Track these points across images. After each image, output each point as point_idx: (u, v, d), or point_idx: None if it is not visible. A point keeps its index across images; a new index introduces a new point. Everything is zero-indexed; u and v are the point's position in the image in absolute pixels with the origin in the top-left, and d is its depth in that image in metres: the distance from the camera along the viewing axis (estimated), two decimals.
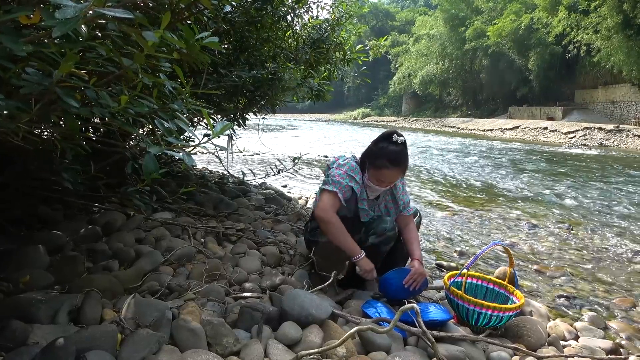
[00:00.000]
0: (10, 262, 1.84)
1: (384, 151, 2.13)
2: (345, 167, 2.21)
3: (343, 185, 2.16)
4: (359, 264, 2.16)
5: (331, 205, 2.14)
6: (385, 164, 2.12)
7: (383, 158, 2.12)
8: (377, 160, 2.15)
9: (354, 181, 2.18)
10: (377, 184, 2.21)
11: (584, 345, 2.14)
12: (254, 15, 2.92)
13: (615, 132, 20.01)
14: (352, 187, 2.18)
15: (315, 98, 4.14)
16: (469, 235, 4.35)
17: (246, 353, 1.51)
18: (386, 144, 2.15)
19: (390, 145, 2.14)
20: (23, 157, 2.12)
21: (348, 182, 2.16)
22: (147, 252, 2.22)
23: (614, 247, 4.10)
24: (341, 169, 2.20)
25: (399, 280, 2.19)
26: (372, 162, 2.18)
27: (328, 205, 2.14)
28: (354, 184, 2.18)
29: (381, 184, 2.21)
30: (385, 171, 2.15)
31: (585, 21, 23.64)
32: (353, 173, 2.19)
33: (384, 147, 2.14)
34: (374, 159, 2.17)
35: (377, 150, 2.17)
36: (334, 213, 2.14)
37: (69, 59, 0.87)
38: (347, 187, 2.17)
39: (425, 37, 40.71)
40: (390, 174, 2.16)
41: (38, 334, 1.35)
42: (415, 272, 2.19)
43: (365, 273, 2.18)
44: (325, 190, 2.17)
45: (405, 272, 2.20)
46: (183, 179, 3.77)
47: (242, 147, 4.30)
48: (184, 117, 1.27)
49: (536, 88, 30.49)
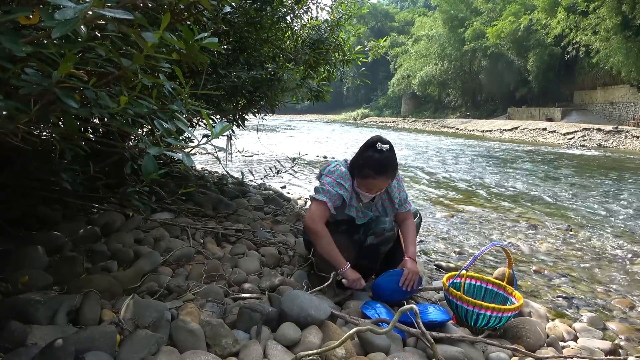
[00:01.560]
0: (9, 262, 1.84)
1: (368, 161, 2.11)
2: (335, 175, 2.19)
3: (333, 194, 2.15)
4: (345, 275, 2.15)
5: (319, 215, 2.14)
6: (370, 173, 2.10)
7: (368, 168, 2.10)
8: (362, 170, 2.13)
9: (344, 189, 2.17)
10: (366, 191, 2.20)
11: (582, 346, 2.14)
12: (254, 15, 2.92)
13: (614, 133, 20.04)
14: (342, 195, 2.17)
15: (314, 99, 4.14)
16: (468, 236, 4.35)
17: (245, 354, 1.51)
18: (371, 153, 2.12)
19: (375, 153, 2.10)
20: (22, 158, 2.12)
21: (337, 190, 2.16)
22: (146, 252, 2.21)
23: (613, 248, 4.11)
24: (331, 177, 2.19)
25: (391, 283, 2.18)
26: (359, 172, 2.16)
27: (316, 216, 2.14)
28: (343, 191, 2.17)
29: (370, 191, 2.20)
30: (371, 181, 2.13)
31: (584, 22, 23.69)
32: (342, 180, 2.18)
33: (369, 157, 2.11)
34: (360, 169, 2.15)
35: (362, 161, 2.14)
36: (322, 223, 2.14)
37: (69, 60, 0.87)
38: (336, 195, 2.16)
39: (424, 38, 40.77)
40: (376, 183, 2.14)
41: (37, 335, 1.35)
42: (409, 272, 2.18)
43: (352, 283, 2.17)
44: (315, 200, 2.17)
45: (397, 274, 2.19)
46: (182, 179, 3.77)
47: (241, 147, 4.30)
48: (183, 118, 1.27)
49: (535, 89, 30.54)
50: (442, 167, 10.11)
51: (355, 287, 2.19)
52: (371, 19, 57.96)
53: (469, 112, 38.49)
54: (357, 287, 2.19)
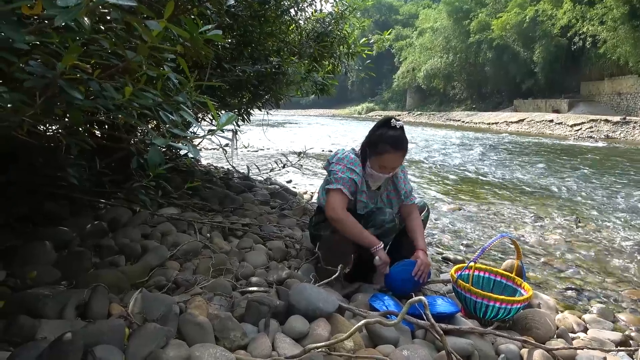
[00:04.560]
0: (17, 257, 1.85)
1: (384, 136, 2.14)
2: (344, 161, 2.21)
3: (346, 180, 2.16)
4: (379, 254, 2.15)
5: (339, 203, 2.15)
6: (387, 148, 2.13)
7: (384, 143, 2.13)
8: (378, 146, 2.15)
9: (355, 173, 2.19)
10: (379, 170, 2.20)
11: (592, 338, 2.12)
12: (258, 9, 2.90)
13: (622, 124, 19.83)
14: (354, 180, 2.17)
15: (319, 92, 4.12)
16: (476, 228, 4.33)
17: (254, 347, 1.51)
18: (385, 130, 2.16)
19: (389, 130, 2.15)
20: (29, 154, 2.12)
21: (349, 175, 2.17)
22: (154, 247, 2.21)
23: (622, 239, 4.07)
24: (340, 164, 2.20)
25: (404, 273, 2.18)
26: (374, 149, 2.18)
27: (337, 204, 2.15)
28: (354, 176, 2.18)
29: (384, 170, 2.20)
30: (387, 156, 2.15)
31: (590, 12, 23.42)
32: (353, 166, 2.19)
33: (384, 133, 2.15)
34: (375, 145, 2.17)
35: (377, 137, 2.17)
36: (345, 210, 2.15)
37: (72, 51, 0.86)
38: (350, 180, 2.17)
39: (429, 30, 40.53)
40: (392, 158, 2.16)
41: (46, 329, 1.35)
42: (422, 263, 2.18)
43: (383, 265, 2.17)
44: (331, 190, 2.17)
45: (410, 265, 2.20)
46: (188, 174, 3.77)
47: (246, 142, 4.30)
48: (188, 110, 1.26)
49: (541, 80, 30.27)
50: (448, 160, 10.06)
51: (382, 270, 2.19)
52: (375, 12, 57.55)
53: (474, 104, 38.23)
54: (383, 271, 2.19)
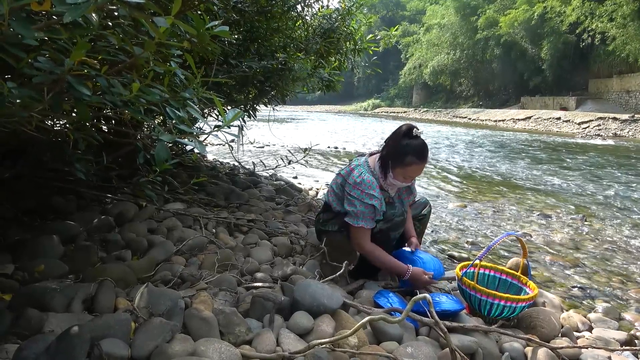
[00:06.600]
0: (25, 251, 1.87)
1: (409, 148, 2.11)
2: (362, 186, 2.14)
3: (367, 214, 2.15)
4: (412, 279, 2.17)
5: (364, 237, 2.19)
6: (413, 160, 2.10)
7: (411, 155, 2.10)
8: (404, 158, 2.12)
9: (375, 198, 2.15)
10: (403, 181, 2.19)
11: (597, 337, 2.11)
12: (264, 5, 2.90)
13: (631, 122, 19.65)
14: (375, 205, 2.15)
15: (325, 88, 4.11)
16: (481, 226, 4.31)
17: (258, 342, 1.52)
18: (408, 140, 2.12)
19: (412, 140, 2.12)
20: (36, 149, 2.14)
21: (369, 202, 2.14)
22: (160, 242, 2.23)
23: (629, 238, 4.05)
24: (359, 188, 2.14)
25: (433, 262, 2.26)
26: (400, 161, 2.13)
27: (362, 240, 2.18)
28: (374, 201, 2.15)
29: (408, 180, 2.20)
30: (414, 167, 2.13)
31: (599, 9, 23.15)
32: (371, 190, 2.14)
33: (408, 144, 2.11)
34: (402, 158, 2.13)
35: (401, 148, 2.12)
36: (369, 243, 2.19)
37: (81, 47, 0.86)
38: (370, 211, 2.15)
39: (436, 26, 40.22)
40: (418, 169, 2.15)
41: (53, 322, 1.37)
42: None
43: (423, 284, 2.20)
44: (353, 227, 2.18)
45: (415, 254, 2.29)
46: (194, 170, 3.79)
47: (252, 138, 4.30)
48: (195, 106, 1.27)
49: (549, 78, 30.02)
50: (455, 157, 10.03)
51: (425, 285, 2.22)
52: (382, 8, 57.32)
53: (481, 101, 38.02)
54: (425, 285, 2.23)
